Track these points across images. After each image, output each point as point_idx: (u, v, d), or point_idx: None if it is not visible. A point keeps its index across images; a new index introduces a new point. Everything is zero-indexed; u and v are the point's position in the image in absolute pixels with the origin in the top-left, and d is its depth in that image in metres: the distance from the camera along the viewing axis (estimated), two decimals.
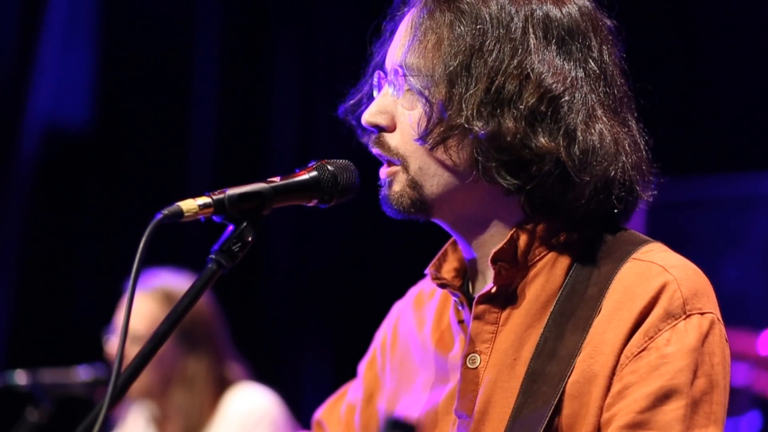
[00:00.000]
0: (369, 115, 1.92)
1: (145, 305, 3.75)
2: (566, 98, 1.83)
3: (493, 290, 1.89)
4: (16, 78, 5.45)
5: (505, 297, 1.89)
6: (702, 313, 1.81)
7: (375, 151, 1.92)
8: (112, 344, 3.83)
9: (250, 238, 1.75)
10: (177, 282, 3.83)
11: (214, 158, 5.70)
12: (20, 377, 3.85)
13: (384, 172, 1.92)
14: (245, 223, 1.76)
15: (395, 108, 1.91)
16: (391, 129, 1.91)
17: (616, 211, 1.88)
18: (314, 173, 1.85)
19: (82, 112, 5.75)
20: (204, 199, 1.74)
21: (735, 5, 4.76)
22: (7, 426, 3.90)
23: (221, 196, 1.75)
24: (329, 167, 1.86)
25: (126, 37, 5.71)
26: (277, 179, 1.82)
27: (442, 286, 1.97)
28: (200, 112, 5.73)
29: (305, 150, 5.60)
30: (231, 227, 1.76)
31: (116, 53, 5.73)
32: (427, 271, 1.99)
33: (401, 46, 1.90)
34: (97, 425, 1.60)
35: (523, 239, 1.88)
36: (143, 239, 1.64)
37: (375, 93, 1.96)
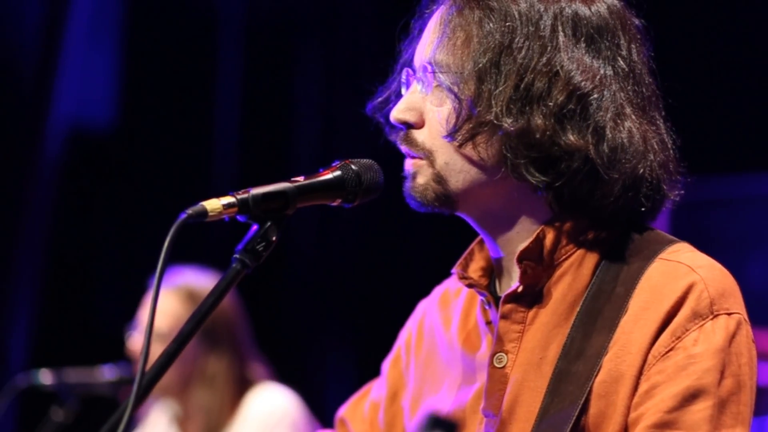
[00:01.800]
0: (398, 112, 1.92)
1: (167, 303, 3.75)
2: (595, 96, 1.83)
3: (520, 289, 1.88)
4: (39, 80, 5.47)
5: (532, 296, 1.89)
6: (729, 314, 1.81)
7: (403, 148, 1.92)
8: (134, 341, 3.84)
9: (274, 238, 1.75)
10: (200, 280, 3.83)
11: (238, 158, 5.71)
12: (45, 377, 3.87)
13: (409, 163, 1.92)
14: (269, 223, 1.76)
15: (424, 105, 1.91)
16: (420, 126, 1.91)
17: (643, 209, 1.87)
18: (338, 173, 1.85)
19: (106, 114, 5.77)
20: (228, 199, 1.74)
21: (763, 4, 4.72)
22: (33, 425, 3.92)
23: (245, 195, 1.75)
24: (353, 167, 1.86)
25: (149, 39, 5.73)
26: (301, 179, 1.82)
27: (470, 285, 1.96)
28: (224, 112, 5.74)
29: (329, 150, 5.60)
30: (255, 227, 1.76)
31: (140, 55, 5.75)
32: (454, 270, 1.99)
33: (430, 43, 1.90)
34: (122, 425, 1.60)
35: (549, 238, 1.88)
36: (168, 239, 1.65)
37: (403, 90, 1.96)
